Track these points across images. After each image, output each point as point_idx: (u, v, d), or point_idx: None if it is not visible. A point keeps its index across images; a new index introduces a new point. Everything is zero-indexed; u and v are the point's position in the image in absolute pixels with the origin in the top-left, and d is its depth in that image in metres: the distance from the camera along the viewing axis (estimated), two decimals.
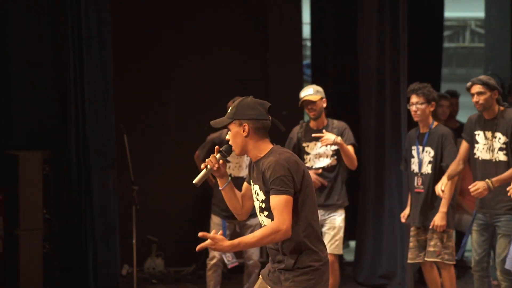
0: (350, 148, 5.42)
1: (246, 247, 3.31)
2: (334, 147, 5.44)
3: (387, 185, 6.57)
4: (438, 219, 5.24)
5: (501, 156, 5.00)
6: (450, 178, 5.21)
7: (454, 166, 5.19)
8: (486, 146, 5.06)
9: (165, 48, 7.38)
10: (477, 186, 4.92)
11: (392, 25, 6.44)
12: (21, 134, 6.42)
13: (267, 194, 3.25)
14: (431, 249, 5.30)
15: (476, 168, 5.12)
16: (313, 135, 5.49)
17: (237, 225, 5.74)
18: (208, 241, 3.18)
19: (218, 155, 3.37)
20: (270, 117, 3.36)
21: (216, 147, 3.40)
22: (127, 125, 6.32)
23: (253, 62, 7.62)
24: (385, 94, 6.56)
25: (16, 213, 6.02)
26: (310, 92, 5.45)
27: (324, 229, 5.51)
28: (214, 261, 5.68)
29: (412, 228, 5.48)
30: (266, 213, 3.28)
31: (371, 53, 6.66)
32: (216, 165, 3.36)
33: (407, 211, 5.50)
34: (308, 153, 5.52)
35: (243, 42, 7.57)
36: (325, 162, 5.50)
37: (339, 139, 5.32)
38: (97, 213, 6.19)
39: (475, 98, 5.03)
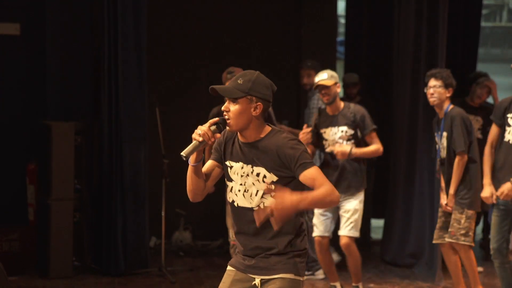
0: (370, 147, 5.42)
1: (311, 204, 3.00)
2: (351, 131, 5.41)
3: (418, 166, 6.51)
4: (447, 201, 5.26)
5: None
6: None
7: (487, 151, 5.14)
8: None
9: (199, 24, 7.36)
10: (502, 190, 4.93)
11: (429, 2, 6.33)
12: (55, 105, 6.47)
13: (280, 174, 3.08)
14: (449, 229, 5.27)
15: (502, 151, 5.05)
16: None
17: None
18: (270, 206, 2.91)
19: (213, 127, 3.08)
20: None
21: (212, 120, 3.10)
22: (159, 99, 6.33)
23: (287, 38, 7.58)
24: (420, 73, 6.45)
25: (48, 183, 6.09)
26: (324, 77, 5.43)
27: (340, 212, 5.50)
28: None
29: (440, 209, 5.44)
30: (274, 193, 3.05)
31: (408, 31, 6.55)
32: (212, 139, 3.06)
33: (444, 195, 5.43)
34: (325, 139, 5.50)
35: (277, 18, 7.53)
36: None
37: (353, 150, 5.33)
38: (128, 185, 6.23)
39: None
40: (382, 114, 7.14)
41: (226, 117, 3.10)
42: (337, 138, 5.45)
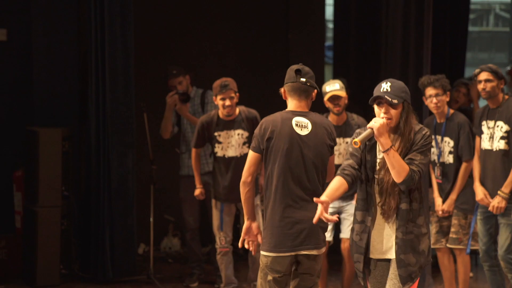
0: None
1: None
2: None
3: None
4: (446, 205, 5.27)
5: (502, 145, 5.00)
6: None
7: (475, 161, 5.20)
8: (488, 135, 5.06)
9: (186, 29, 7.35)
10: (493, 204, 4.98)
11: (417, 7, 6.33)
12: (42, 111, 6.44)
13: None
14: (453, 236, 5.28)
15: (480, 159, 5.14)
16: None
17: (237, 206, 5.66)
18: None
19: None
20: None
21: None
22: (147, 104, 6.30)
23: (275, 43, 7.57)
24: (408, 78, 6.46)
25: (35, 190, 6.04)
26: (337, 87, 5.39)
27: (343, 215, 5.48)
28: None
29: (434, 214, 5.44)
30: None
31: (395, 36, 6.55)
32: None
33: (439, 201, 5.40)
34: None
35: (265, 23, 7.52)
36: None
37: None
38: (115, 191, 6.20)
39: (482, 85, 5.04)
40: (370, 119, 7.11)
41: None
42: (342, 149, 5.44)
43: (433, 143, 5.40)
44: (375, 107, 3.61)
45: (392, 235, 3.58)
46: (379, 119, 3.56)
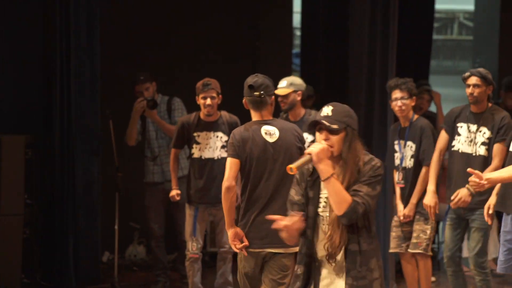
0: None
1: None
2: (311, 138, 5.44)
3: None
4: (407, 210, 5.29)
5: (482, 151, 5.02)
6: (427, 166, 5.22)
7: (435, 157, 5.17)
8: (468, 139, 5.06)
9: (152, 36, 7.30)
10: (460, 196, 4.89)
11: (383, 16, 6.39)
12: (5, 117, 6.32)
13: None
14: (414, 240, 5.30)
15: (453, 160, 5.12)
16: None
17: (211, 215, 5.62)
18: None
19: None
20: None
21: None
22: (113, 111, 6.23)
23: (242, 50, 7.56)
24: (375, 85, 6.50)
25: None
26: (283, 85, 5.58)
27: None
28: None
29: (395, 219, 5.47)
30: None
31: (362, 44, 6.60)
32: None
33: (401, 207, 5.42)
34: None
35: (233, 31, 7.50)
36: None
37: None
38: (80, 198, 6.12)
39: (470, 90, 5.03)
40: None
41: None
42: None
43: (397, 148, 5.43)
44: (317, 133, 3.21)
45: (341, 283, 3.18)
46: (319, 144, 3.16)
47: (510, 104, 7.22)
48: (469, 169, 3.91)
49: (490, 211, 4.58)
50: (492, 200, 4.59)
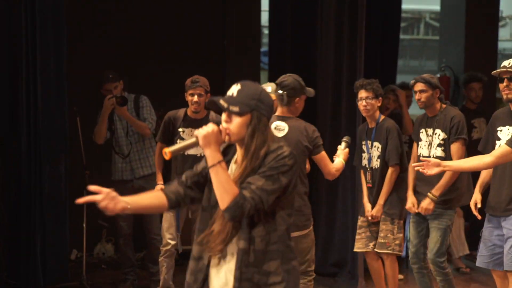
0: None
1: None
2: None
3: (341, 177, 6.59)
4: (374, 211, 5.37)
5: (439, 152, 5.14)
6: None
7: (410, 166, 5.31)
8: (427, 143, 5.20)
9: (120, 32, 7.27)
10: (422, 205, 5.12)
11: (350, 15, 6.45)
12: None
13: None
14: (381, 240, 5.37)
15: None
16: None
17: (190, 211, 5.68)
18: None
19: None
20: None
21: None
22: (81, 109, 6.20)
23: (210, 49, 7.57)
24: (342, 85, 6.57)
25: None
26: (268, 91, 5.52)
27: None
28: (168, 247, 5.64)
29: (362, 219, 5.53)
30: None
31: (329, 43, 6.66)
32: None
33: (368, 207, 5.50)
34: None
35: (201, 29, 7.51)
36: None
37: None
38: (48, 197, 6.08)
39: (417, 96, 5.20)
40: (313, 124, 7.20)
41: None
42: None
43: (364, 148, 5.52)
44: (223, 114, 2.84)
45: (230, 282, 2.82)
46: (209, 126, 2.80)
47: (473, 95, 7.37)
48: (413, 164, 4.11)
49: (479, 205, 4.66)
50: (477, 196, 4.70)
